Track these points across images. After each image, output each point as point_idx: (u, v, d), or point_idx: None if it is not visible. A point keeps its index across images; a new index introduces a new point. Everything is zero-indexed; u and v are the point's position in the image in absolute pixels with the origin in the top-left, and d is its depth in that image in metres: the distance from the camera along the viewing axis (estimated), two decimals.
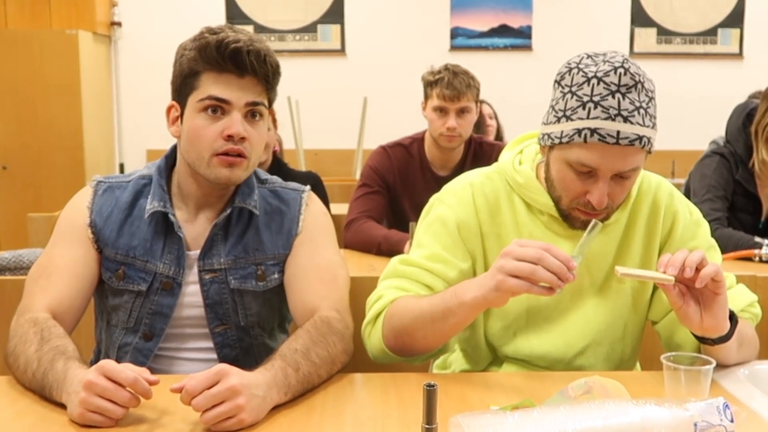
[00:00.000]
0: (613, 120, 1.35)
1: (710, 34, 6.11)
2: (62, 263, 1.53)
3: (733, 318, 1.38)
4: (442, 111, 2.83)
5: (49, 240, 1.59)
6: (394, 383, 1.39)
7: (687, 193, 2.81)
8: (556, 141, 1.41)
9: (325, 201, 3.04)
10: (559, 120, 1.41)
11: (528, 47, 6.05)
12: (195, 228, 1.58)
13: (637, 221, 1.55)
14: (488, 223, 1.53)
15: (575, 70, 1.40)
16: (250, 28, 6.01)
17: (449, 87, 2.80)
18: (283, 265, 1.60)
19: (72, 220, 1.58)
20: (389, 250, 2.60)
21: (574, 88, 1.39)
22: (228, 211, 1.56)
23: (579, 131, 1.37)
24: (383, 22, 6.06)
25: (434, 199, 1.61)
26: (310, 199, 1.64)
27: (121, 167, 6.15)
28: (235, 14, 6.00)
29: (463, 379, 1.45)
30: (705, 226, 1.58)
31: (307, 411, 1.26)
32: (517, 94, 5.76)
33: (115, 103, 6.12)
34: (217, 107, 1.47)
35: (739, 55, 6.12)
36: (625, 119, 1.35)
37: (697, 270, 1.29)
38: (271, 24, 6.02)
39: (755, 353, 1.51)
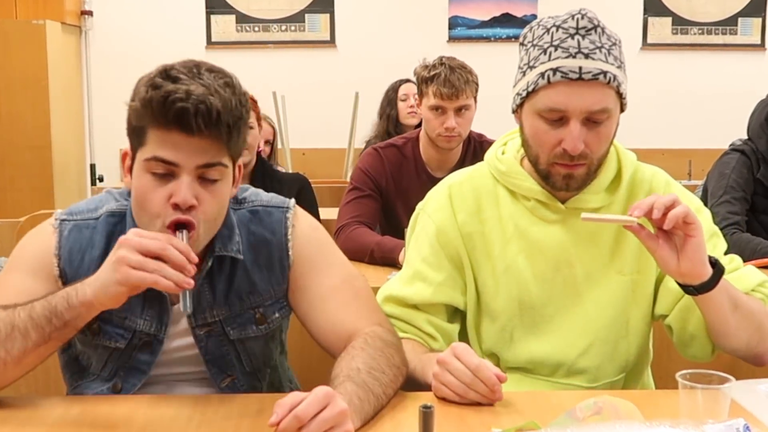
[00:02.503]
0: (574, 57, 1.46)
1: (730, 23, 6.13)
2: (16, 295, 1.40)
3: (716, 267, 1.43)
4: (439, 110, 2.81)
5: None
6: (388, 403, 1.38)
7: (704, 196, 2.82)
8: (523, 93, 1.52)
9: (314, 205, 3.04)
10: (524, 74, 1.53)
11: None
12: None
13: None
14: (469, 223, 1.61)
15: (535, 27, 1.55)
16: (231, 18, 6.02)
17: (447, 84, 2.76)
18: (285, 300, 1.56)
19: (38, 259, 1.47)
20: (382, 257, 2.60)
21: (535, 41, 1.53)
22: (209, 263, 1.49)
23: (542, 74, 1.48)
24: (376, 10, 6.07)
25: (419, 209, 1.71)
26: (295, 218, 1.56)
27: (92, 168, 6.14)
28: (215, 3, 6.00)
29: None
30: (705, 214, 1.63)
31: None
32: None
33: (86, 99, 6.11)
34: (164, 170, 1.35)
35: (761, 45, 6.14)
36: (586, 56, 1.46)
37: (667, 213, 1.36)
38: (255, 13, 6.03)
39: (765, 333, 1.52)
